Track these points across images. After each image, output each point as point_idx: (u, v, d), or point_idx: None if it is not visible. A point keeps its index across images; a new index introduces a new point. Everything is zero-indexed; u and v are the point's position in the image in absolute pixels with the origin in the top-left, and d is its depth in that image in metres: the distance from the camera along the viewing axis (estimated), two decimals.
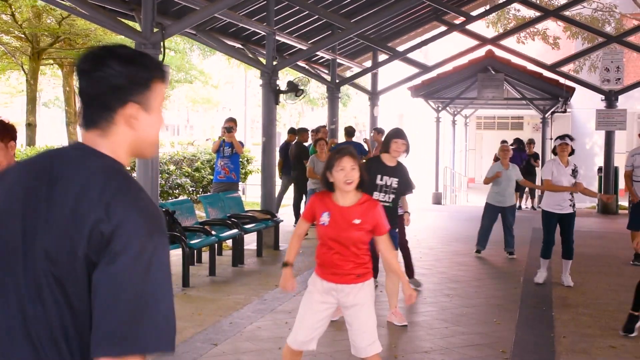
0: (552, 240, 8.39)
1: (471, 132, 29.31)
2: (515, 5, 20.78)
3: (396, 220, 6.62)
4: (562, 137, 8.43)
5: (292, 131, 14.04)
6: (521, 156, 16.85)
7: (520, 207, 16.94)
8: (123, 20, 8.65)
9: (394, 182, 6.37)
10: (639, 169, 9.70)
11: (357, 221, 4.12)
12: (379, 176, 6.35)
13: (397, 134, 6.40)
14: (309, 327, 4.25)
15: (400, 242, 8.10)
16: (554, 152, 8.52)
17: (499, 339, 6.13)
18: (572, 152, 8.37)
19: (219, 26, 11.73)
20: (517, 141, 18.00)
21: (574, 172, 8.28)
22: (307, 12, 12.49)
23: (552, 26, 21.11)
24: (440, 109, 20.45)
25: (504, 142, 19.69)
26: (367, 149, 13.36)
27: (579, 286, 8.30)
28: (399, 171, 6.43)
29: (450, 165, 22.94)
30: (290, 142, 13.73)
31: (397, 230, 6.65)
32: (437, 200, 19.77)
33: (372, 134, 14.94)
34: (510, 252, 10.33)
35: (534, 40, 20.99)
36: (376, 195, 6.36)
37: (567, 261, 8.37)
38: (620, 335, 6.22)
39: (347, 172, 4.10)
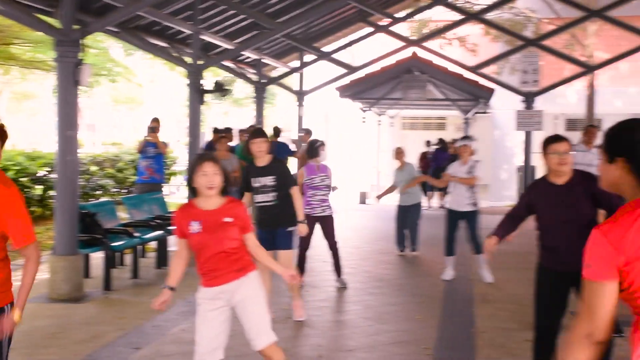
0: (453, 238, 8.70)
1: (396, 132, 29.73)
2: (436, 16, 21.28)
3: (292, 218, 6.63)
4: (463, 139, 8.77)
5: (216, 131, 13.91)
6: (444, 156, 17.22)
7: (429, 207, 17.35)
8: (41, 16, 8.39)
9: (269, 180, 6.42)
10: (576, 167, 9.98)
11: (228, 219, 4.18)
12: (252, 179, 6.43)
13: (254, 134, 6.48)
14: (209, 339, 4.25)
15: (330, 243, 8.18)
16: (457, 151, 8.82)
17: (422, 335, 6.26)
18: (472, 153, 8.68)
19: (143, 24, 11.52)
20: (441, 141, 18.41)
21: (471, 169, 8.56)
22: (233, 11, 12.42)
23: (473, 32, 21.61)
24: (366, 109, 20.66)
25: (428, 142, 20.12)
26: (294, 149, 13.40)
27: (498, 282, 8.55)
28: (273, 169, 6.46)
29: (375, 164, 23.22)
30: (214, 142, 13.61)
31: (290, 229, 6.67)
32: (363, 199, 19.99)
33: (300, 135, 14.99)
34: (412, 249, 10.59)
35: (451, 46, 21.45)
36: (258, 197, 6.42)
37: (478, 256, 8.65)
38: None
39: (209, 177, 4.13)
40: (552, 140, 4.70)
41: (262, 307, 4.33)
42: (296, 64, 17.34)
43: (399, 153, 10.72)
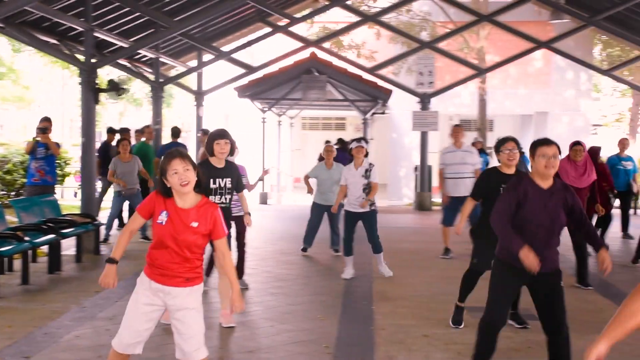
0: (351, 238, 8.77)
1: (296, 132, 29.84)
2: (335, 18, 21.50)
3: (230, 220, 6.61)
4: (358, 140, 8.72)
5: (111, 131, 13.53)
6: (344, 156, 17.40)
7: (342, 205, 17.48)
8: None
9: (227, 182, 6.34)
10: (450, 167, 10.27)
11: (194, 224, 4.07)
12: (211, 180, 6.30)
13: (219, 134, 6.36)
14: (136, 330, 4.14)
15: (239, 243, 8.09)
16: (350, 153, 8.80)
17: (323, 334, 6.29)
18: (367, 154, 8.69)
19: (31, 20, 11.05)
20: (340, 141, 18.59)
21: (367, 172, 8.60)
22: (128, 8, 12.09)
23: (369, 38, 21.92)
24: (266, 109, 20.63)
25: (328, 142, 20.28)
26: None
27: (397, 280, 8.72)
28: (230, 171, 6.40)
29: (276, 165, 23.21)
30: (109, 142, 13.24)
31: (229, 230, 6.64)
32: (264, 200, 19.94)
33: (199, 135, 14.79)
34: (335, 249, 10.63)
35: (347, 53, 21.73)
36: (212, 199, 6.31)
37: (378, 255, 8.79)
38: (432, 324, 6.61)
39: (180, 174, 4.03)
40: (540, 143, 4.78)
41: (200, 322, 4.21)
42: (195, 63, 17.11)
43: (329, 151, 10.62)
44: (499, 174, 6.37)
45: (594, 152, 10.32)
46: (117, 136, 12.94)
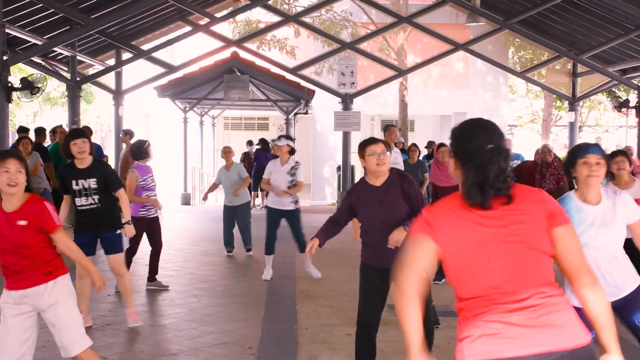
0: (273, 236, 8.75)
1: (219, 132, 29.61)
2: (258, 17, 21.45)
3: (116, 221, 6.44)
4: (279, 138, 8.80)
5: (22, 130, 13.08)
6: (266, 156, 17.39)
7: (266, 207, 17.47)
8: None
9: (91, 183, 6.19)
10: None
11: (22, 222, 3.98)
12: (73, 181, 6.18)
13: (74, 134, 6.27)
14: (13, 347, 4.02)
15: (158, 246, 7.96)
16: (274, 150, 8.87)
17: (246, 335, 6.27)
18: (292, 152, 8.72)
19: None
20: (262, 141, 18.57)
21: (292, 169, 8.63)
22: (40, 4, 11.70)
23: (290, 35, 21.98)
24: (187, 109, 20.39)
25: (250, 142, 20.21)
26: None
27: (320, 279, 8.76)
28: (95, 171, 6.25)
29: (198, 165, 22.98)
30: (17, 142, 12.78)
31: (118, 232, 6.46)
32: (186, 201, 19.70)
33: (120, 136, 14.47)
34: (247, 249, 10.62)
35: (270, 50, 21.73)
36: (78, 200, 6.18)
37: (304, 254, 8.77)
38: (355, 323, 6.67)
39: (11, 174, 3.93)
40: (368, 142, 4.88)
41: (74, 311, 4.13)
42: (113, 62, 16.72)
43: (227, 152, 10.64)
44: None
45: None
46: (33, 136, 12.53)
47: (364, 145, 4.88)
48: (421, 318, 2.50)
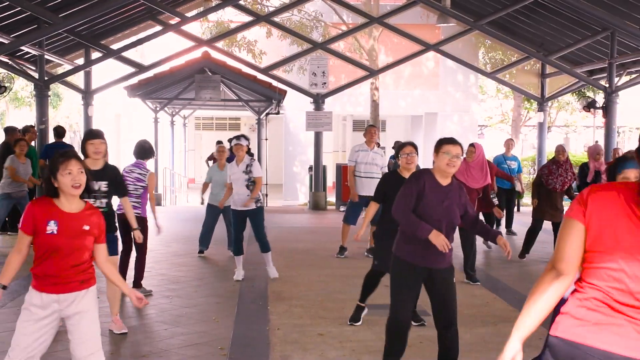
0: (239, 237, 8.73)
1: (190, 132, 29.47)
2: (229, 16, 21.37)
3: (114, 223, 6.41)
4: (237, 138, 8.75)
5: (10, 130, 12.89)
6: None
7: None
8: None
9: (102, 185, 6.12)
10: (361, 165, 10.37)
11: (86, 227, 4.00)
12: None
13: (92, 134, 6.19)
14: (28, 347, 3.96)
15: (142, 249, 7.87)
16: (231, 151, 8.82)
17: (218, 336, 6.24)
18: (248, 151, 8.72)
19: None
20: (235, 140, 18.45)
21: (247, 167, 8.60)
22: (7, 2, 11.54)
23: (260, 37, 21.93)
24: (158, 109, 20.25)
25: (219, 142, 20.12)
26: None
27: (293, 279, 8.75)
28: (107, 173, 6.19)
29: (169, 166, 22.84)
30: (9, 142, 12.60)
31: (116, 234, 6.42)
32: (157, 201, 19.54)
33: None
34: (232, 249, 10.55)
35: (240, 52, 21.69)
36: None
37: (266, 254, 8.75)
38: (327, 323, 6.68)
39: (74, 175, 3.92)
40: (446, 141, 4.86)
41: (96, 325, 4.09)
42: (82, 61, 16.55)
43: (221, 152, 10.53)
44: (398, 177, 6.60)
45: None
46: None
47: (441, 142, 4.87)
48: (551, 308, 2.56)
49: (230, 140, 8.93)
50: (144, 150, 7.97)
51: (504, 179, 11.33)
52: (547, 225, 10.38)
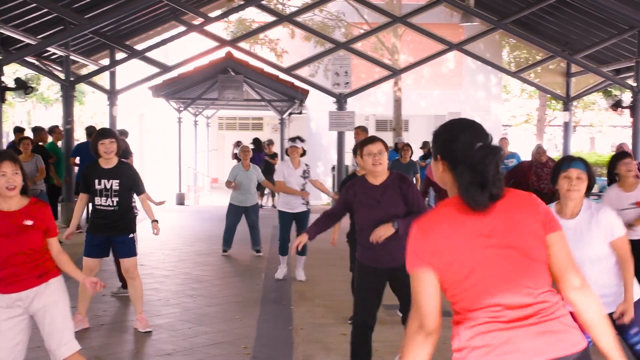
0: (287, 238, 8.75)
1: (213, 132, 29.56)
2: (252, 16, 21.44)
3: (131, 224, 6.43)
4: (292, 140, 8.76)
5: (18, 130, 13.06)
6: (260, 156, 17.39)
7: (261, 206, 17.46)
8: None
9: (114, 184, 6.17)
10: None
11: (28, 222, 4.01)
12: (96, 180, 6.14)
13: (103, 134, 6.21)
14: (6, 349, 4.00)
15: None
16: (287, 153, 8.84)
17: (241, 335, 6.26)
18: (303, 154, 8.73)
19: None
20: (256, 141, 18.57)
21: (305, 173, 8.65)
22: (34, 4, 11.68)
23: (283, 36, 21.98)
24: (181, 109, 20.36)
25: (239, 142, 20.17)
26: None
27: (315, 279, 8.76)
28: (120, 172, 6.22)
29: (192, 165, 22.94)
30: (16, 142, 12.78)
31: (131, 235, 6.44)
32: (180, 200, 19.68)
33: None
34: (257, 250, 10.59)
35: (262, 50, 21.75)
36: (97, 200, 6.15)
37: (302, 257, 8.76)
38: (348, 323, 6.68)
39: (8, 177, 3.95)
40: (366, 142, 4.88)
41: (64, 315, 4.12)
42: (107, 62, 16.69)
43: (245, 152, 10.59)
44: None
45: None
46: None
47: (361, 145, 4.89)
48: None
49: (259, 142, 8.97)
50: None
51: None
52: None
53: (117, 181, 6.17)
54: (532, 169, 10.53)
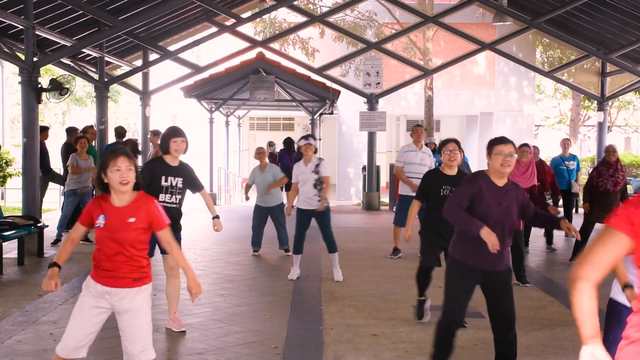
0: (302, 236, 8.72)
1: (244, 132, 29.73)
2: (283, 16, 21.50)
3: (179, 223, 6.50)
4: (306, 137, 8.76)
5: (71, 131, 13.27)
6: (290, 157, 17.40)
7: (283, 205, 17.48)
8: None
9: (179, 182, 6.26)
10: (410, 166, 10.25)
11: (131, 219, 4.07)
12: (163, 177, 6.22)
13: (176, 132, 6.29)
14: (80, 333, 4.10)
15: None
16: (299, 151, 8.82)
17: (271, 335, 6.28)
18: (315, 151, 8.73)
19: None
20: (287, 141, 18.59)
21: (317, 167, 8.60)
22: (70, 6, 11.85)
23: (314, 35, 22.02)
24: (213, 109, 20.51)
25: (271, 143, 20.22)
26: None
27: (345, 279, 8.74)
28: (183, 170, 6.34)
29: (224, 165, 23.09)
30: (72, 142, 12.96)
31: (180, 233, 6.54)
32: (212, 200, 19.78)
33: (149, 136, 14.57)
34: (285, 249, 10.61)
35: (295, 49, 21.79)
36: (162, 197, 6.22)
37: (333, 255, 8.73)
38: (381, 324, 6.66)
39: (123, 172, 4.02)
40: (497, 141, 4.81)
41: (147, 323, 4.19)
42: (140, 63, 16.87)
43: (260, 153, 10.66)
44: (440, 174, 6.56)
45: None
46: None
47: (492, 144, 4.82)
48: (597, 309, 2.50)
49: (290, 143, 8.97)
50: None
51: (552, 187, 10.93)
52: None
53: (181, 179, 6.29)
54: (598, 165, 10.31)
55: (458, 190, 4.84)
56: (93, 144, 13.88)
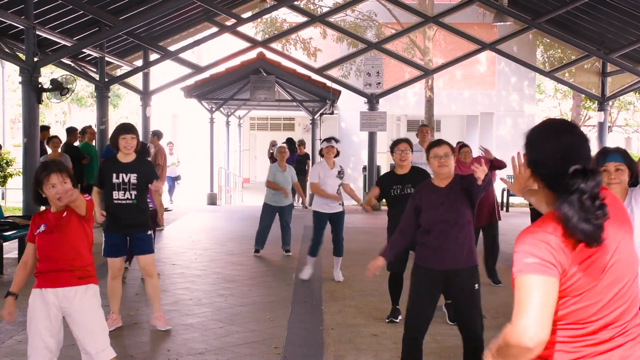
0: (320, 240, 8.72)
1: (245, 132, 29.73)
2: (283, 16, 21.49)
3: (148, 222, 6.45)
4: (328, 140, 8.73)
5: (45, 129, 13.27)
6: (293, 157, 17.41)
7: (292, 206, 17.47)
8: None
9: (132, 177, 6.20)
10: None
11: (65, 214, 4.14)
12: (113, 175, 6.19)
13: (124, 129, 6.27)
14: (44, 348, 4.11)
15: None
16: (321, 154, 8.81)
17: (272, 335, 6.28)
18: (337, 154, 8.72)
19: None
20: (288, 142, 18.58)
21: (340, 174, 8.63)
22: (70, 6, 11.85)
23: (316, 36, 22.01)
24: (213, 109, 20.50)
25: (274, 142, 20.25)
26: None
27: (346, 280, 8.74)
28: (137, 167, 6.27)
29: (224, 165, 23.08)
30: (43, 140, 12.97)
31: (150, 232, 6.48)
32: (212, 200, 19.78)
33: (149, 137, 14.56)
34: (286, 250, 10.59)
35: (296, 50, 21.78)
36: (115, 194, 6.19)
37: (338, 258, 8.73)
38: (381, 324, 6.66)
39: (57, 188, 4.07)
40: (432, 145, 4.85)
41: (101, 321, 4.21)
42: (141, 63, 16.87)
43: (282, 153, 10.61)
44: (391, 175, 6.72)
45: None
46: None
47: (429, 148, 4.87)
48: None
49: (292, 143, 8.95)
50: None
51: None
52: None
53: (135, 175, 6.22)
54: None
55: (405, 212, 4.95)
56: (93, 144, 13.90)
